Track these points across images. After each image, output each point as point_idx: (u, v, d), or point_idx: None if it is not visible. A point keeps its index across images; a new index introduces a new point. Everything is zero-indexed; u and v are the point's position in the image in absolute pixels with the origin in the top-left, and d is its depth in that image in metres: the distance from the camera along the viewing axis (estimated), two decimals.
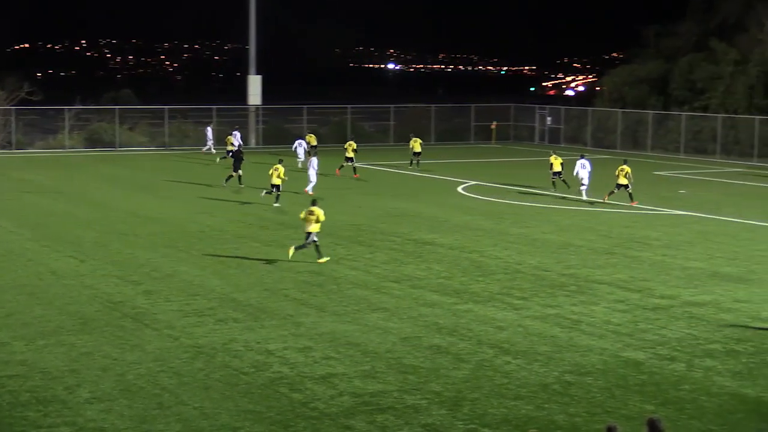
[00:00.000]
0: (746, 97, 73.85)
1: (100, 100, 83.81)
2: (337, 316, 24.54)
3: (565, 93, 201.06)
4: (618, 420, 16.95)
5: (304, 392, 18.85)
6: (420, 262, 31.19)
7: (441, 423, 17.37)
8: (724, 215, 41.87)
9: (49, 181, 51.80)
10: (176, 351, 21.43)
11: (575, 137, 79.96)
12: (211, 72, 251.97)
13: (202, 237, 35.46)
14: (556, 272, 29.95)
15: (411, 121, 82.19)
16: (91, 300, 25.96)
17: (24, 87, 72.88)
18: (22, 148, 69.78)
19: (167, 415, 17.60)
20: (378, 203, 44.36)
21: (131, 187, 49.91)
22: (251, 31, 73.94)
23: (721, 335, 23.11)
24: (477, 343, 22.22)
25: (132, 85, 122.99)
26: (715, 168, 63.54)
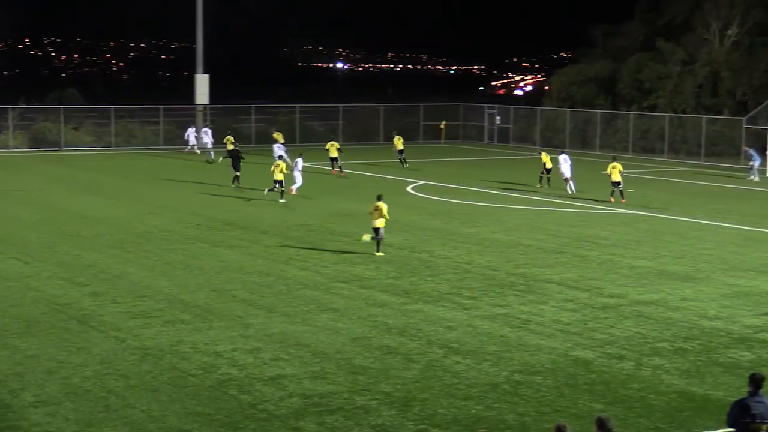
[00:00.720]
0: (693, 96, 74.71)
1: (44, 100, 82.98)
2: (287, 317, 24.49)
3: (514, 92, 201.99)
4: (567, 419, 17.06)
5: (253, 394, 18.78)
6: (369, 263, 31.20)
7: (391, 423, 17.38)
8: (672, 214, 42.27)
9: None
10: (123, 353, 21.27)
11: (524, 137, 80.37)
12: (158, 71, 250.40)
13: (150, 238, 35.23)
14: (505, 272, 30.08)
15: (360, 121, 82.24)
16: (37, 302, 25.71)
17: None
18: None
19: (114, 418, 17.47)
20: (327, 203, 44.31)
21: (77, 188, 49.50)
22: (198, 29, 73.53)
23: (669, 334, 23.33)
24: (427, 343, 22.26)
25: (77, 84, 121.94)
26: (662, 167, 64.12)
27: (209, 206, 43.00)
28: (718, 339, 22.93)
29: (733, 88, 74.77)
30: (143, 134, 75.41)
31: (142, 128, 76.11)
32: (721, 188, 52.89)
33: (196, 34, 73.96)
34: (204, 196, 46.43)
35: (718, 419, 17.27)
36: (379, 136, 79.40)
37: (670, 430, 17.28)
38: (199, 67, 73.99)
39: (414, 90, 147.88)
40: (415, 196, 47.61)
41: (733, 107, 74.00)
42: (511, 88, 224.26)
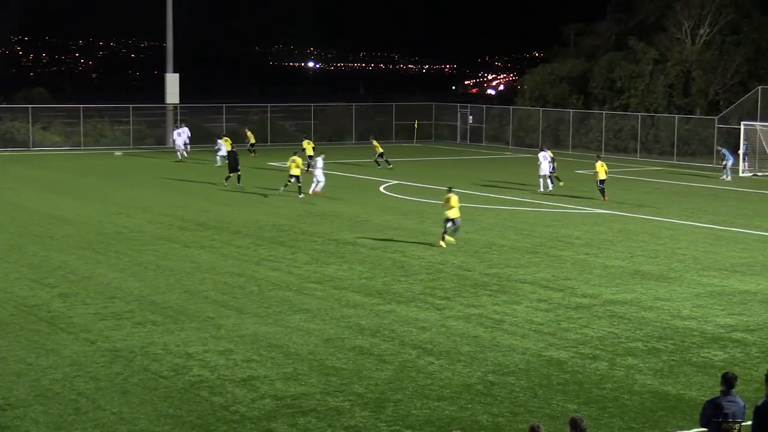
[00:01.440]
0: (665, 96, 75.08)
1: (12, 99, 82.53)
2: (259, 317, 24.45)
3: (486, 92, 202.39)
4: (541, 419, 17.12)
5: (225, 395, 18.74)
6: (342, 263, 31.19)
7: (364, 425, 17.38)
8: (645, 214, 42.47)
9: None
10: (93, 355, 21.17)
11: (497, 136, 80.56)
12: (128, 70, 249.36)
13: (120, 238, 35.09)
14: (478, 272, 30.13)
15: (332, 120, 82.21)
16: (5, 303, 25.55)
17: None
18: None
19: (84, 420, 17.39)
20: (298, 204, 44.24)
21: (46, 188, 49.24)
22: (168, 28, 73.34)
23: (642, 333, 23.43)
24: (400, 344, 22.27)
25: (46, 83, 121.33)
26: (635, 166, 64.42)
27: (181, 206, 42.87)
28: (692, 338, 23.06)
29: (705, 88, 75.18)
30: (113, 134, 75.10)
31: (111, 128, 75.80)
32: (694, 188, 53.19)
33: (166, 33, 73.75)
34: (175, 196, 46.30)
35: (691, 419, 17.37)
36: (351, 135, 79.39)
37: (643, 429, 17.36)
38: (169, 67, 73.78)
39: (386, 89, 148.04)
40: (387, 195, 47.62)
41: (705, 107, 74.43)
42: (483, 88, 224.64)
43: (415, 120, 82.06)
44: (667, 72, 75.06)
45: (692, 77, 75.34)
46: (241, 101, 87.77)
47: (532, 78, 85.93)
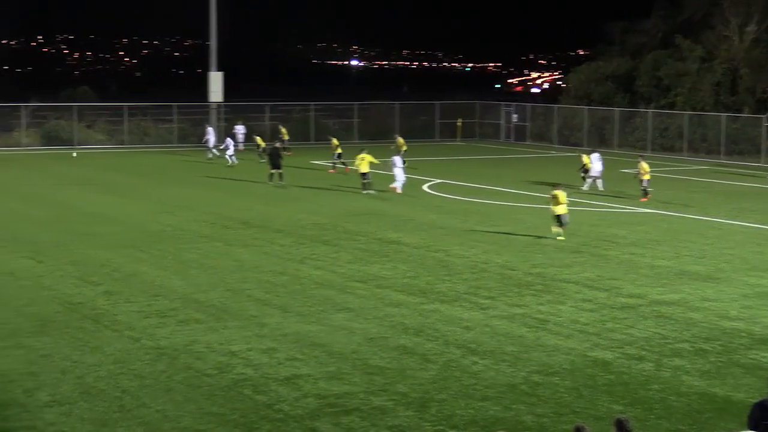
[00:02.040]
0: (712, 94, 74.42)
1: (57, 98, 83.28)
2: (302, 316, 24.50)
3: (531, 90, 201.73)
4: (586, 420, 17.02)
5: (269, 394, 18.80)
6: (385, 262, 31.19)
7: (408, 424, 17.37)
8: (692, 213, 42.16)
9: (5, 180, 51.36)
10: (137, 353, 21.32)
11: (541, 135, 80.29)
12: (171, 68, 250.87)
13: (163, 237, 35.31)
14: (522, 271, 30.04)
15: (375, 119, 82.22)
16: (50, 301, 25.79)
17: None
18: None
19: (128, 418, 17.51)
20: (342, 202, 44.34)
21: (90, 186, 49.63)
22: (212, 26, 73.67)
23: (689, 334, 23.26)
24: (444, 344, 22.25)
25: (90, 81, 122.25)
26: (682, 165, 63.97)
27: (223, 205, 43.08)
28: (739, 340, 22.86)
29: (752, 86, 74.44)
30: (156, 132, 75.57)
31: (155, 126, 76.28)
32: (741, 187, 52.74)
33: (210, 31, 74.09)
34: (218, 195, 46.53)
35: (739, 421, 17.18)
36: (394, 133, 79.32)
37: (690, 431, 17.24)
38: (212, 65, 74.13)
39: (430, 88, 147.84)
40: (431, 194, 47.59)
41: (753, 105, 73.69)
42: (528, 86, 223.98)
43: (458, 118, 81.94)
44: (714, 70, 74.43)
45: (740, 75, 74.67)
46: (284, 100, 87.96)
47: (577, 76, 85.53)
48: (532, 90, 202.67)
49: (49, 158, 63.75)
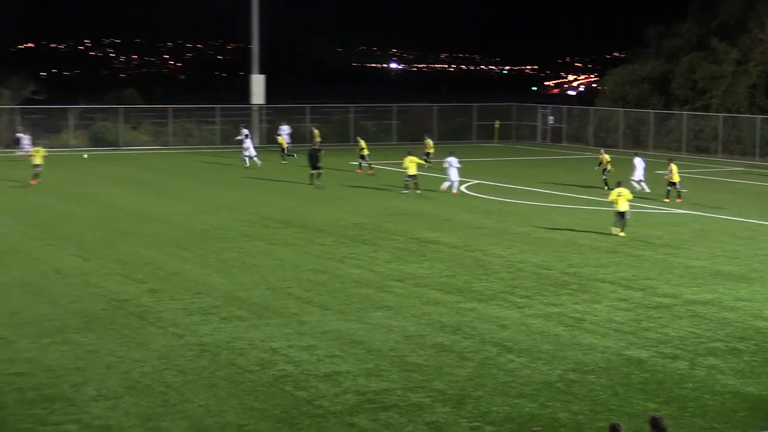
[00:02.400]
0: (747, 96, 73.77)
1: (103, 100, 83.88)
2: (341, 314, 24.55)
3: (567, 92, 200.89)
4: (621, 418, 16.94)
5: (309, 390, 18.86)
6: (423, 261, 31.20)
7: (445, 421, 17.38)
8: (726, 214, 41.85)
9: (54, 181, 51.77)
10: (181, 349, 21.45)
11: (577, 136, 80.00)
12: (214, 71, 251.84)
13: (206, 236, 35.48)
14: (558, 270, 29.95)
15: (414, 121, 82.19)
16: (96, 298, 25.99)
17: (29, 86, 73.07)
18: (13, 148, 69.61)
19: (173, 412, 17.63)
20: (381, 202, 44.36)
21: (135, 187, 49.96)
22: (254, 30, 73.97)
23: (723, 334, 23.11)
24: (480, 342, 22.23)
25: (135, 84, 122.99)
26: (716, 167, 63.52)
27: (265, 205, 43.23)
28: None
29: None
30: (200, 134, 75.94)
31: (198, 128, 76.65)
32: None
33: (252, 34, 74.38)
34: (259, 195, 46.70)
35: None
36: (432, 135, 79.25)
37: (724, 430, 17.14)
38: (254, 68, 74.42)
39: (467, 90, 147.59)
40: (468, 195, 47.51)
41: None
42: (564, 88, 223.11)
43: (496, 120, 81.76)
44: (750, 72, 73.79)
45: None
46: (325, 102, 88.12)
47: (613, 79, 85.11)
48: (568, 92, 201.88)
49: (96, 159, 64.17)
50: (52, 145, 70.47)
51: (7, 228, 36.81)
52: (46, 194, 46.54)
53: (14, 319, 23.84)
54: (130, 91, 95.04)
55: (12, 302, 25.46)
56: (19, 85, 72.91)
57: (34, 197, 45.52)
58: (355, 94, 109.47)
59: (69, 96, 77.81)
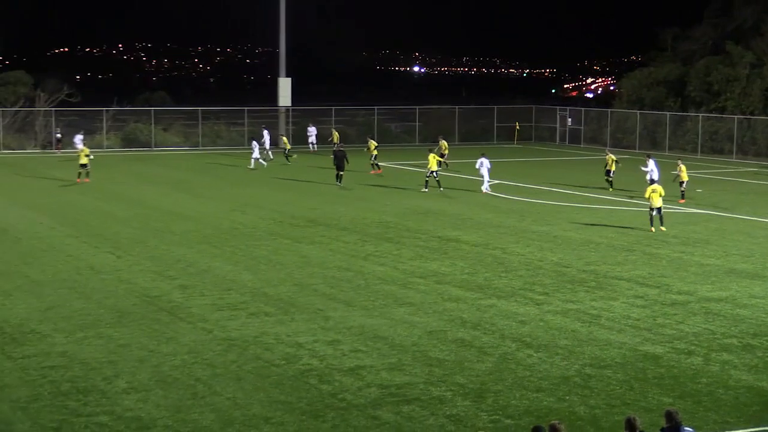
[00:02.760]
0: (762, 98, 73.35)
1: (135, 102, 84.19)
2: (365, 310, 24.57)
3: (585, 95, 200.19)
4: (637, 412, 16.88)
5: (333, 384, 18.88)
6: (445, 259, 31.17)
7: (465, 414, 17.37)
8: (740, 214, 41.64)
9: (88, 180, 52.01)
10: (210, 343, 21.51)
11: (595, 138, 79.74)
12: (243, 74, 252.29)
13: (235, 234, 35.57)
14: (576, 268, 29.87)
15: (436, 122, 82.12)
16: (128, 294, 26.10)
17: (64, 89, 73.47)
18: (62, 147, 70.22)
19: (201, 405, 17.68)
20: (404, 201, 44.35)
21: (166, 186, 50.13)
22: (281, 34, 74.06)
23: (737, 330, 23.00)
24: (500, 337, 22.20)
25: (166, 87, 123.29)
26: (731, 168, 63.19)
27: (291, 204, 43.29)
28: None
29: None
30: (229, 135, 76.13)
31: (227, 129, 76.86)
32: None
33: (279, 38, 74.48)
34: (286, 194, 46.77)
35: None
36: (454, 136, 79.29)
37: (738, 424, 17.05)
38: (282, 71, 74.52)
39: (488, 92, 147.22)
40: (489, 194, 47.43)
41: None
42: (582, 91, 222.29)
43: (515, 122, 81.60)
44: (764, 75, 73.35)
45: None
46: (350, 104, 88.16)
47: (630, 81, 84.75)
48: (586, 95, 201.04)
49: (129, 159, 64.42)
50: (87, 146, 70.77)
51: (43, 226, 37.00)
52: (82, 193, 46.76)
53: (49, 314, 23.97)
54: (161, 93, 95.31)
55: (47, 298, 25.61)
56: (55, 88, 73.28)
57: (69, 196, 45.75)
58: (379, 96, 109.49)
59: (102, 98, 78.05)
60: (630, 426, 12.69)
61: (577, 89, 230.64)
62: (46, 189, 48.57)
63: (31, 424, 16.76)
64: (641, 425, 12.81)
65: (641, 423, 12.91)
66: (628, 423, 12.74)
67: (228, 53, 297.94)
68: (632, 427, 12.66)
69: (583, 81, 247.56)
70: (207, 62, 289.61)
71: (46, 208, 41.75)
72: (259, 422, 16.90)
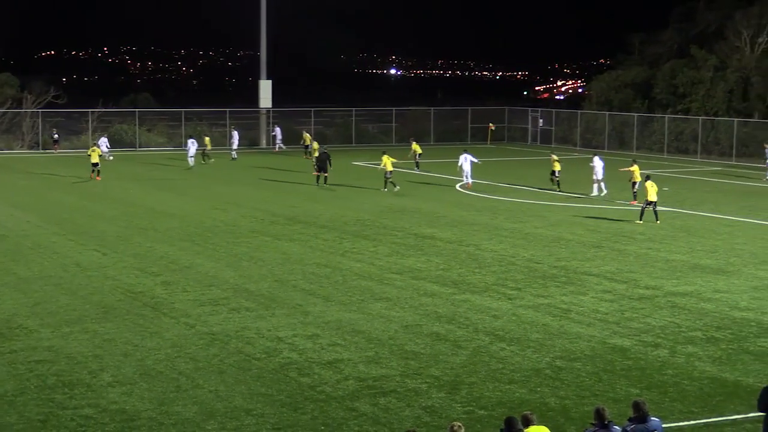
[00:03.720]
0: (725, 100, 73.78)
1: (120, 104, 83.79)
2: (343, 305, 24.53)
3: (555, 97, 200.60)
4: (605, 403, 16.92)
5: (312, 376, 18.84)
6: (420, 255, 31.17)
7: (440, 405, 17.36)
8: (704, 211, 41.82)
9: (74, 180, 51.77)
10: (192, 338, 21.43)
11: (565, 138, 79.95)
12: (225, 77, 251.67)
13: (217, 231, 35.45)
14: (547, 264, 29.92)
15: (412, 123, 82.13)
16: (113, 290, 25.97)
17: (50, 91, 73.03)
18: (49, 148, 69.85)
19: (184, 397, 17.61)
20: (381, 200, 44.32)
21: (150, 185, 49.93)
22: (262, 38, 73.88)
23: (702, 323, 23.09)
24: (474, 331, 22.20)
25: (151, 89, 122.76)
26: (696, 167, 63.45)
27: (272, 202, 43.19)
28: (749, 329, 22.67)
29: (763, 93, 73.69)
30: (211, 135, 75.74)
31: (210, 130, 76.57)
32: (751, 187, 52.25)
33: (260, 42, 74.29)
34: (266, 193, 46.67)
35: (748, 404, 17.08)
36: (429, 137, 79.29)
37: (702, 414, 17.12)
38: (263, 74, 74.34)
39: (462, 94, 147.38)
40: (462, 193, 47.47)
41: (763, 110, 73.00)
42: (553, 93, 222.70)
43: (489, 123, 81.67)
44: (727, 78, 73.79)
45: (751, 83, 73.97)
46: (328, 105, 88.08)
47: (599, 84, 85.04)
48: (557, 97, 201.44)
49: (114, 159, 64.04)
50: (74, 147, 70.58)
51: (30, 224, 36.79)
52: (68, 192, 46.53)
53: (36, 309, 23.83)
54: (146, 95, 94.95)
55: (34, 294, 25.45)
56: (42, 89, 72.87)
57: (56, 195, 45.49)
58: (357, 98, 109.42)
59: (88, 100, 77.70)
60: (599, 416, 12.71)
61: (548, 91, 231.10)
62: (33, 188, 48.28)
63: (17, 417, 16.64)
64: (609, 415, 12.83)
65: (609, 413, 12.94)
66: (597, 413, 12.75)
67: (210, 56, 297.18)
68: (601, 417, 12.68)
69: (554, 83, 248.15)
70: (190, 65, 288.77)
71: (33, 206, 41.51)
72: (240, 414, 16.85)
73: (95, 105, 74.67)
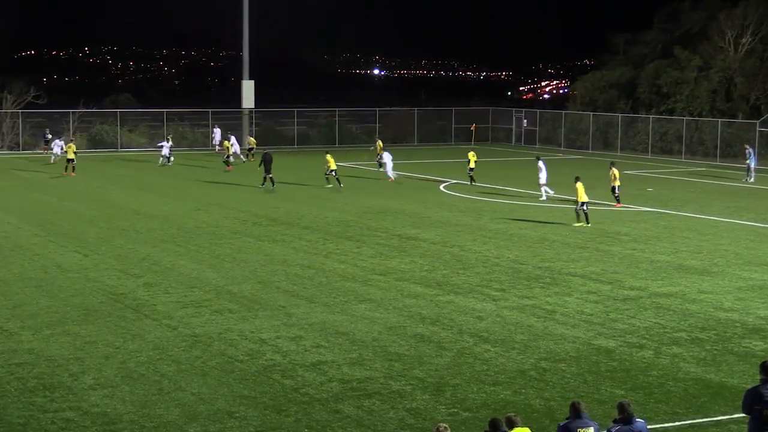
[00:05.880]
0: (709, 100, 74.11)
1: (102, 104, 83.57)
2: (327, 306, 24.51)
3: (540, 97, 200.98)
4: (590, 404, 16.97)
5: (296, 379, 18.81)
6: (404, 256, 31.16)
7: (424, 407, 17.36)
8: (689, 212, 41.95)
9: (55, 181, 51.59)
10: (175, 340, 21.37)
11: (549, 138, 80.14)
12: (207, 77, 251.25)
13: (199, 233, 35.38)
14: (532, 265, 29.96)
15: (396, 124, 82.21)
16: (95, 292, 25.88)
17: (30, 91, 72.79)
18: (29, 149, 69.57)
19: (167, 400, 17.56)
20: (364, 201, 44.32)
21: (132, 186, 49.78)
22: (245, 38, 73.71)
23: (686, 324, 23.15)
24: (458, 332, 22.21)
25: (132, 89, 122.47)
26: (680, 167, 63.66)
27: (254, 203, 43.13)
28: (733, 329, 22.74)
29: (746, 93, 74.12)
30: (193, 136, 75.79)
31: (192, 130, 76.50)
32: (735, 187, 52.45)
33: (243, 42, 74.14)
34: (249, 194, 46.59)
35: (732, 405, 17.14)
36: (413, 137, 79.34)
37: (687, 415, 17.16)
38: (245, 74, 74.19)
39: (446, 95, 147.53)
40: (446, 194, 47.51)
41: (747, 111, 73.39)
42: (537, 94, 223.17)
43: (473, 123, 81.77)
44: (711, 78, 74.12)
45: (734, 83, 74.34)
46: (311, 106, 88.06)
47: (583, 84, 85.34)
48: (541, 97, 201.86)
49: (95, 160, 63.90)
50: None
51: (11, 226, 36.63)
52: (49, 193, 46.35)
53: (16, 312, 23.72)
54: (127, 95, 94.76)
55: (14, 296, 25.34)
56: (22, 90, 72.60)
57: (37, 197, 45.31)
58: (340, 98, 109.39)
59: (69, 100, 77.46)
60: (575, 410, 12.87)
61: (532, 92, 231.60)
62: (14, 189, 48.06)
63: None
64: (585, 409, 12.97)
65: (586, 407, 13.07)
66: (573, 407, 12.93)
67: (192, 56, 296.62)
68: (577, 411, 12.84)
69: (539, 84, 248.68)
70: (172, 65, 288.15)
71: (13, 207, 41.33)
72: (223, 417, 16.80)
73: (76, 105, 74.44)
